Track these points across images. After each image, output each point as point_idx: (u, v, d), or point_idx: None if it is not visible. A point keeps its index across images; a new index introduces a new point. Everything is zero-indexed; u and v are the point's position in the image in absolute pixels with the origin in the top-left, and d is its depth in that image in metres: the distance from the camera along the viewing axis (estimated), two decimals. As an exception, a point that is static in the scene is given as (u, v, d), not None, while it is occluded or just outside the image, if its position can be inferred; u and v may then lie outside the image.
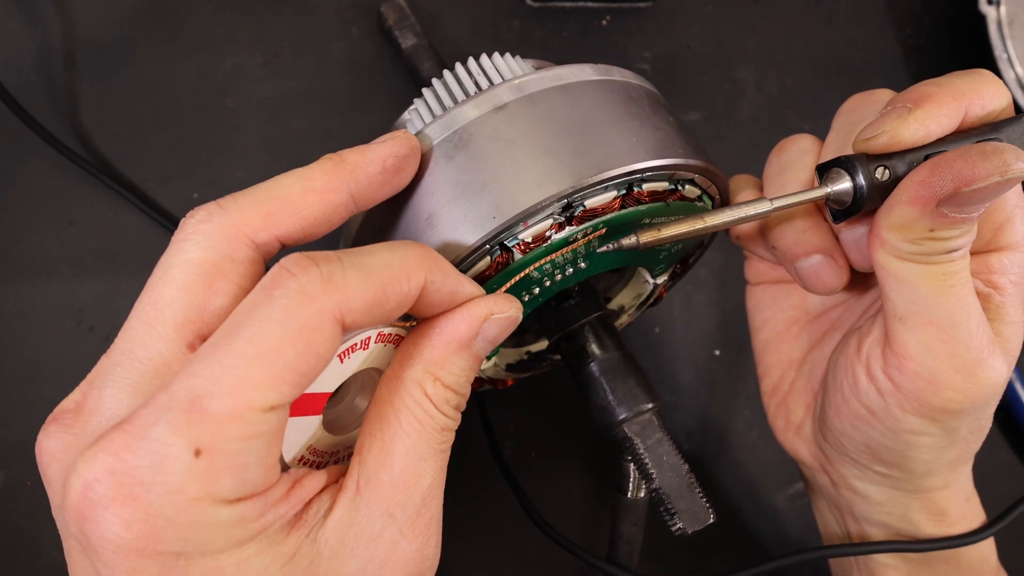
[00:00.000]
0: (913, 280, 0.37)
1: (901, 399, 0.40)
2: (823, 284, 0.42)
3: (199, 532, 0.27)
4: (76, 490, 0.27)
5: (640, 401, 0.42)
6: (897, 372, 0.39)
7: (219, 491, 0.27)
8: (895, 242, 0.37)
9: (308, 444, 0.34)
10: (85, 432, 0.30)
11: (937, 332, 0.38)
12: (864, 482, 0.46)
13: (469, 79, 0.42)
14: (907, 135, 0.36)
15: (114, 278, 0.60)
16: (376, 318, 0.31)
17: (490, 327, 0.35)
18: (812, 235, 0.41)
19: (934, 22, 0.75)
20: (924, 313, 0.38)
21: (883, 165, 0.37)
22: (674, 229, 0.37)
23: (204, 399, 0.26)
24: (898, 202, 0.36)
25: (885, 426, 0.41)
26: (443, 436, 0.34)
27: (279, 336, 0.27)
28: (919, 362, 0.38)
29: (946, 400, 0.39)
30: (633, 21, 0.71)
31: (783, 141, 0.45)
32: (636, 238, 0.37)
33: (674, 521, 0.40)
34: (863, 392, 0.42)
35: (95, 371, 0.31)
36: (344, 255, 0.30)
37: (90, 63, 0.64)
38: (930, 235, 0.36)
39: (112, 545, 0.26)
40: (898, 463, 0.43)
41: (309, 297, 0.28)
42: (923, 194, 0.35)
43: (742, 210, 0.38)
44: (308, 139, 0.64)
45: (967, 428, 0.41)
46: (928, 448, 0.41)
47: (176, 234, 0.32)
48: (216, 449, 0.27)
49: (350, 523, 0.31)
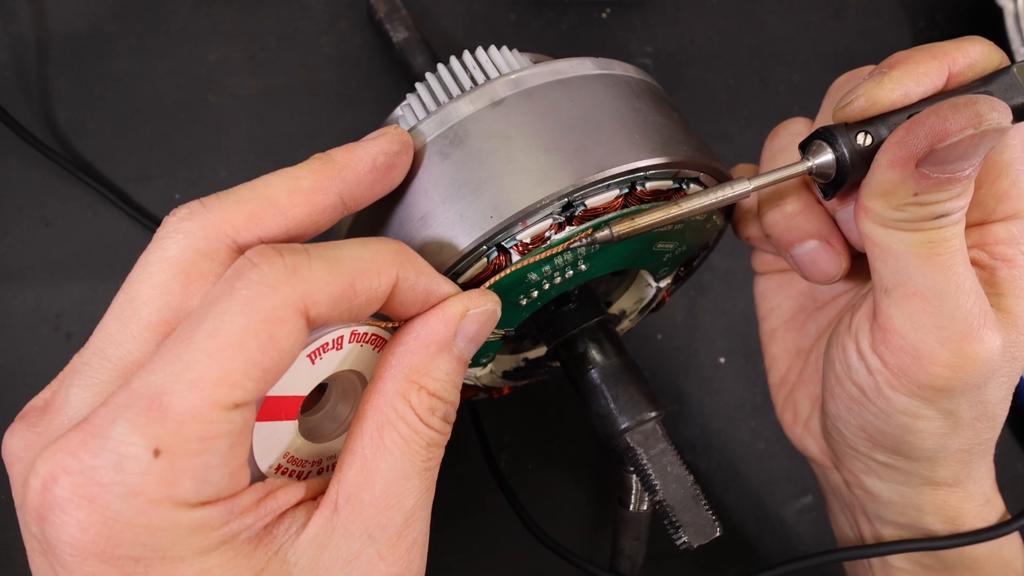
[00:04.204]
0: (898, 249, 0.37)
1: (889, 376, 0.39)
2: (820, 271, 0.42)
3: (159, 536, 0.27)
4: (34, 490, 0.27)
5: (642, 410, 0.42)
6: (883, 347, 0.39)
7: (180, 493, 0.27)
8: (879, 209, 0.36)
9: (285, 452, 0.34)
10: (48, 431, 0.30)
11: (922, 303, 0.37)
12: (871, 477, 0.45)
13: (464, 73, 0.42)
14: (883, 95, 0.36)
15: (92, 282, 0.60)
16: (344, 314, 0.31)
17: (468, 325, 0.34)
18: (804, 219, 0.41)
19: (948, 15, 0.75)
20: (909, 284, 0.37)
21: (864, 130, 0.36)
22: (648, 217, 0.37)
23: (164, 396, 0.26)
24: (878, 166, 0.36)
25: (878, 407, 0.41)
26: (429, 453, 0.33)
27: (241, 329, 0.27)
28: (903, 335, 0.38)
29: (932, 376, 0.38)
30: (634, 14, 0.71)
31: (776, 127, 0.45)
32: (610, 230, 0.37)
33: (679, 535, 0.40)
34: (854, 370, 0.41)
35: (66, 369, 0.31)
36: (312, 247, 0.30)
37: (67, 57, 0.64)
38: (915, 200, 0.35)
39: (70, 548, 0.26)
40: (897, 449, 0.42)
41: (272, 288, 0.28)
42: (901, 155, 0.34)
43: (719, 192, 0.38)
44: (295, 137, 0.65)
45: (968, 411, 0.40)
46: (927, 434, 0.40)
47: (157, 232, 0.32)
48: (176, 449, 0.26)
49: (325, 543, 0.31)
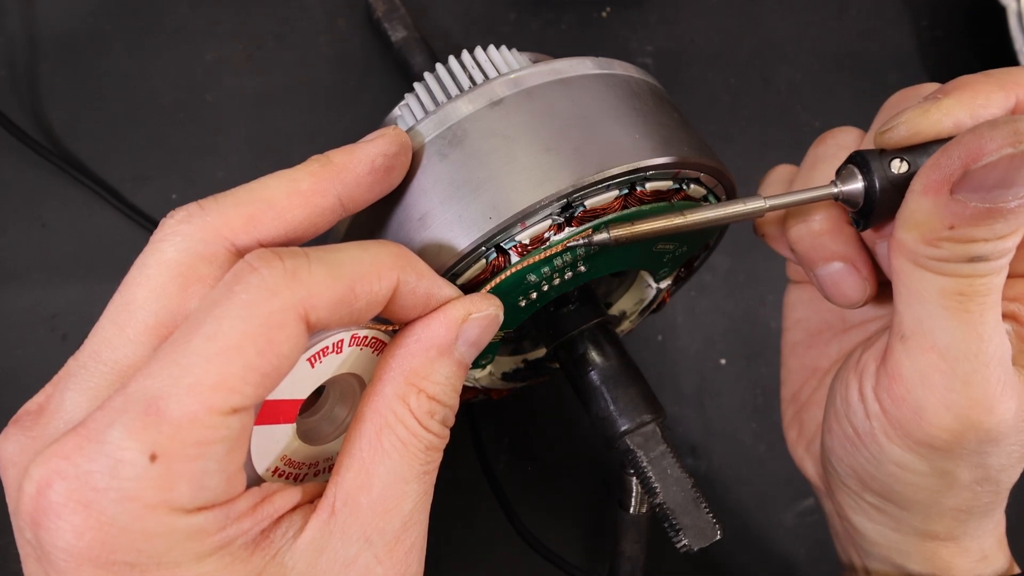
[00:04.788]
0: (925, 294, 0.34)
1: (886, 424, 0.37)
2: (842, 295, 0.40)
3: (154, 542, 0.27)
4: (29, 495, 0.27)
5: (643, 412, 0.42)
6: (885, 394, 0.37)
7: (176, 499, 0.27)
8: (911, 243, 0.34)
9: (282, 454, 0.34)
10: (43, 435, 0.30)
11: (937, 360, 0.35)
12: (859, 515, 0.43)
13: (463, 73, 0.42)
14: (927, 126, 0.33)
15: (89, 283, 0.60)
16: (344, 318, 0.31)
17: (470, 329, 0.34)
18: (831, 238, 0.39)
19: (951, 14, 0.75)
20: (928, 336, 0.35)
21: (900, 157, 0.34)
22: (649, 224, 0.37)
23: (161, 401, 0.26)
24: (911, 193, 0.33)
25: (870, 452, 0.39)
26: (428, 456, 0.33)
27: (239, 333, 0.27)
28: (909, 388, 0.36)
29: (931, 436, 0.36)
30: (634, 13, 0.71)
31: (824, 134, 0.42)
32: (608, 233, 0.37)
33: (679, 538, 0.40)
34: (852, 410, 0.40)
35: (61, 372, 0.31)
36: (312, 251, 0.30)
37: (62, 56, 0.64)
38: (950, 234, 0.32)
39: (64, 554, 0.26)
40: (888, 496, 0.40)
41: (271, 292, 0.28)
42: (935, 178, 0.32)
43: (729, 208, 0.37)
44: (293, 137, 0.65)
45: (967, 474, 0.38)
46: (918, 487, 0.39)
47: (154, 234, 0.32)
48: (173, 454, 0.26)
49: (322, 547, 0.31)
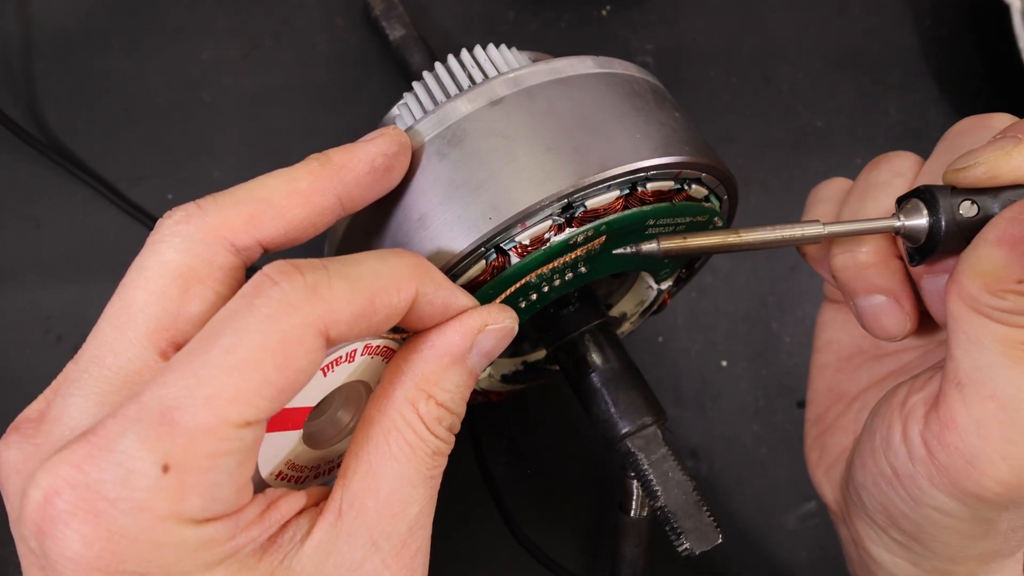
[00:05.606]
0: (986, 341, 0.34)
1: (932, 471, 0.36)
2: (882, 328, 0.40)
3: (164, 553, 0.27)
4: (35, 503, 0.26)
5: (643, 414, 0.42)
6: (936, 441, 0.36)
7: (187, 510, 0.27)
8: (974, 291, 0.33)
9: (287, 459, 0.34)
10: (47, 443, 0.30)
11: (997, 410, 0.34)
12: (879, 547, 0.43)
13: (462, 72, 0.42)
14: (1006, 169, 0.33)
15: (84, 284, 0.60)
16: (363, 331, 0.31)
17: (485, 340, 0.34)
18: (876, 272, 0.39)
19: (954, 12, 0.75)
20: (988, 384, 0.34)
21: (971, 199, 0.33)
22: (701, 240, 0.37)
23: (176, 411, 0.26)
24: (983, 241, 0.33)
25: (908, 494, 0.38)
26: (434, 461, 0.33)
27: (259, 347, 0.27)
28: (963, 438, 0.35)
29: (982, 488, 0.35)
30: (634, 11, 0.71)
31: (878, 157, 0.42)
32: (657, 244, 0.37)
33: (680, 541, 0.40)
34: (894, 451, 0.38)
35: (61, 378, 0.31)
36: (331, 263, 0.30)
37: (57, 54, 0.64)
38: (1017, 287, 0.32)
39: (72, 564, 0.26)
40: (917, 536, 0.40)
41: (292, 307, 0.28)
42: (1012, 232, 0.31)
43: (787, 231, 0.37)
44: (291, 137, 0.65)
45: (1007, 523, 0.37)
46: (954, 532, 0.38)
47: (152, 235, 0.32)
48: (186, 465, 0.26)
49: (329, 550, 0.31)
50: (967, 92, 0.74)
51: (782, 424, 0.66)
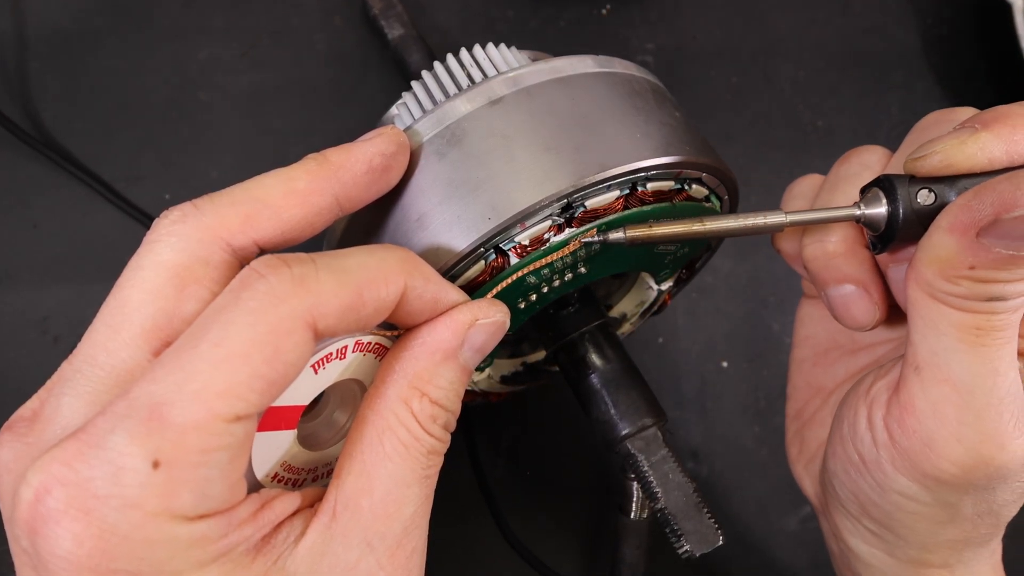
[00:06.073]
0: (941, 327, 0.34)
1: (894, 455, 0.38)
2: (852, 318, 0.40)
3: (156, 551, 0.27)
4: (26, 501, 0.26)
5: (644, 415, 0.42)
6: (896, 425, 0.37)
7: (178, 507, 0.27)
8: (929, 277, 0.34)
9: (282, 460, 0.34)
10: (39, 442, 0.30)
11: (951, 392, 0.35)
12: (856, 539, 0.43)
13: (461, 71, 0.42)
14: (962, 159, 0.34)
15: (81, 284, 0.60)
16: (352, 325, 0.31)
17: (476, 334, 0.34)
18: (845, 261, 0.40)
19: (957, 11, 0.75)
20: (943, 368, 0.35)
21: (928, 188, 0.34)
22: (666, 228, 0.37)
23: (165, 407, 0.26)
24: (937, 228, 0.33)
25: (874, 479, 0.39)
26: (429, 460, 0.33)
27: (247, 340, 0.27)
28: (920, 420, 0.36)
29: (940, 470, 0.36)
30: (634, 10, 0.71)
31: (849, 151, 0.43)
32: (623, 232, 0.37)
33: (681, 543, 0.40)
34: (859, 437, 0.39)
35: (55, 377, 0.31)
36: (318, 257, 0.30)
37: (52, 53, 0.63)
38: (970, 273, 0.33)
39: (63, 562, 0.26)
40: (887, 524, 0.41)
41: (279, 300, 0.28)
42: (962, 220, 0.32)
43: (749, 220, 0.37)
44: (288, 136, 0.64)
45: (971, 508, 0.38)
46: (920, 517, 0.39)
47: (148, 235, 0.32)
48: (176, 461, 0.26)
49: (323, 551, 0.31)
50: (969, 92, 0.74)
51: (783, 426, 0.66)
